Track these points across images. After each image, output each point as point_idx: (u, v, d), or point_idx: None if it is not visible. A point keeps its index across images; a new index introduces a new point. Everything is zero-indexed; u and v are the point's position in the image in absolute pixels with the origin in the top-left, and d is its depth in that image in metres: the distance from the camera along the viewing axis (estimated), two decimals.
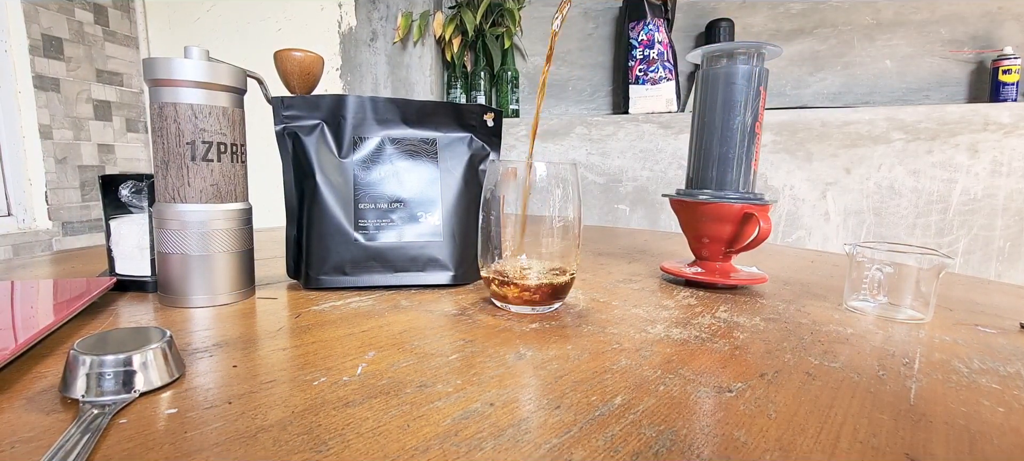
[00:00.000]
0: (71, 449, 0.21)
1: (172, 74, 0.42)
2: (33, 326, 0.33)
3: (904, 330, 0.41)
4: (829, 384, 0.30)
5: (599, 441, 0.23)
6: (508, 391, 0.28)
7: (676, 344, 0.37)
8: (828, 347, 0.37)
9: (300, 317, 0.42)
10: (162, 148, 0.43)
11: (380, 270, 0.52)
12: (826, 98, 1.60)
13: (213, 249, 0.44)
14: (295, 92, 0.53)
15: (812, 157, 1.40)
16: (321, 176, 0.51)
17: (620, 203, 1.59)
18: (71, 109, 1.74)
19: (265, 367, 0.31)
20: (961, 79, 1.50)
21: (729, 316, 0.44)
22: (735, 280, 0.54)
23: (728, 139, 0.54)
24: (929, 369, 0.33)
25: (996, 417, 0.26)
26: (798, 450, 0.23)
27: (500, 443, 0.23)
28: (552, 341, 0.37)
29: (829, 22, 1.57)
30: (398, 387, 0.28)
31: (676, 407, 0.27)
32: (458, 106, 0.56)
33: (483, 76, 1.70)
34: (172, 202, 0.43)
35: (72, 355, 0.26)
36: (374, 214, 0.52)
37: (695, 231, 0.57)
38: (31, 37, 1.62)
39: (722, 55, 0.54)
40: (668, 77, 1.56)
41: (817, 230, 1.41)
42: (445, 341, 0.36)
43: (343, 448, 0.22)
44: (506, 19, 1.65)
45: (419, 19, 1.67)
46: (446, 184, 0.54)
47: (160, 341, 0.29)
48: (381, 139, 0.54)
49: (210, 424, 0.24)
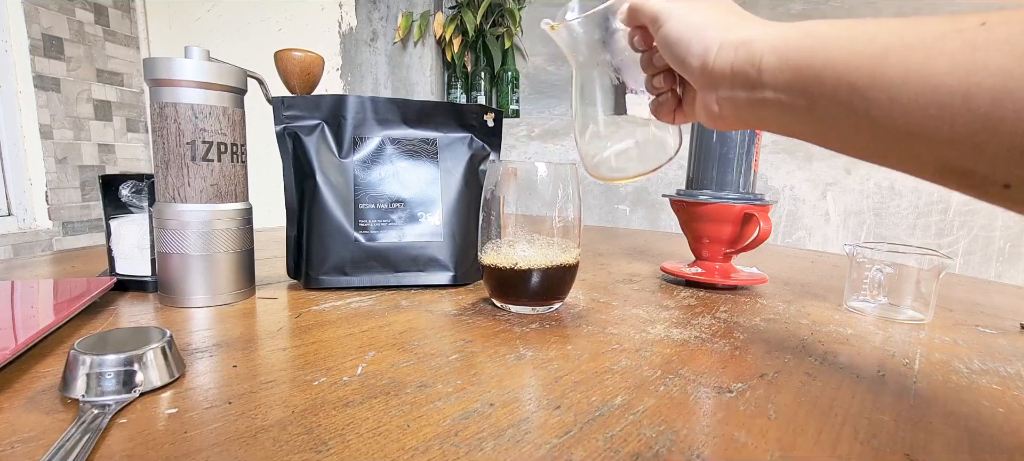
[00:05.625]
0: (71, 449, 0.21)
1: (172, 74, 0.42)
2: (33, 326, 0.33)
3: (904, 330, 0.41)
4: (829, 384, 0.30)
5: (599, 441, 0.23)
6: (508, 391, 0.28)
7: (676, 344, 0.37)
8: (828, 347, 0.37)
9: (300, 317, 0.42)
10: (162, 148, 0.43)
11: (380, 270, 0.52)
12: None
13: (213, 249, 0.44)
14: (295, 92, 0.53)
15: (812, 157, 1.40)
16: (321, 176, 0.51)
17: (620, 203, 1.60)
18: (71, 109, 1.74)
19: (265, 367, 0.31)
20: None
21: (729, 316, 0.44)
22: (735, 280, 0.54)
23: (728, 139, 0.54)
24: (929, 369, 0.33)
25: (996, 417, 0.26)
26: (798, 450, 0.23)
27: (500, 443, 0.23)
28: (552, 341, 0.37)
29: None
30: (398, 387, 0.28)
31: (676, 407, 0.27)
32: (458, 106, 0.56)
33: (483, 76, 1.70)
34: (172, 202, 0.43)
35: (72, 355, 0.26)
36: (374, 214, 0.52)
37: (695, 231, 0.57)
38: (32, 37, 1.62)
39: None
40: None
41: (817, 230, 1.41)
42: (445, 341, 0.36)
43: (343, 448, 0.22)
44: (506, 19, 1.65)
45: (419, 19, 1.67)
46: (446, 184, 0.54)
47: (160, 341, 0.29)
48: (381, 139, 0.54)
49: (210, 424, 0.24)
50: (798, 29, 0.26)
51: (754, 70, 0.27)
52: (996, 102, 0.18)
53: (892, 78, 0.21)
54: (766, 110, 0.27)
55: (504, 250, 0.43)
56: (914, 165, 0.22)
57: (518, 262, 0.42)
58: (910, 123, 0.21)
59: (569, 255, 0.43)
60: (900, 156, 0.23)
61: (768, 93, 0.26)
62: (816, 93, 0.24)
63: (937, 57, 0.20)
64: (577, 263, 0.44)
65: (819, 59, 0.24)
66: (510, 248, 0.43)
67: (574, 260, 0.44)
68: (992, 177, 0.20)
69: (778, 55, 0.26)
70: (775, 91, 0.26)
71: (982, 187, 0.21)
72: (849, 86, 0.23)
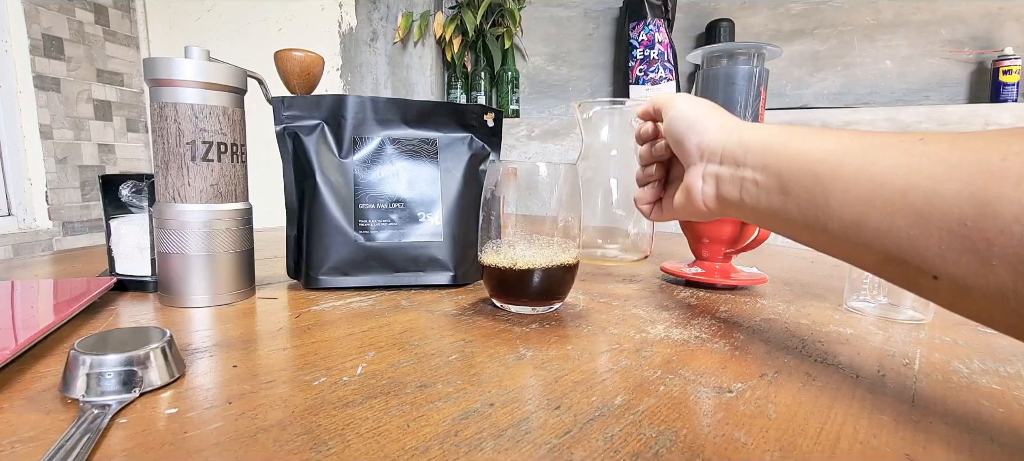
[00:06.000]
0: (71, 449, 0.21)
1: (172, 74, 0.42)
2: (33, 326, 0.33)
3: (904, 330, 0.41)
4: (829, 384, 0.30)
5: (599, 441, 0.23)
6: (508, 391, 0.28)
7: (676, 344, 0.37)
8: (828, 347, 0.37)
9: (300, 317, 0.42)
10: (162, 148, 0.43)
11: (380, 270, 0.52)
12: (826, 99, 1.60)
13: (213, 249, 0.44)
14: (295, 92, 0.53)
15: None
16: (321, 176, 0.51)
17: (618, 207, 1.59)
18: (71, 109, 1.74)
19: (265, 367, 0.31)
20: (961, 80, 1.50)
21: (729, 316, 0.44)
22: (735, 280, 0.54)
23: None
24: (929, 369, 0.33)
25: (996, 417, 0.26)
26: (798, 450, 0.23)
27: (500, 443, 0.23)
28: (552, 341, 0.37)
29: (829, 23, 1.57)
30: (398, 387, 0.28)
31: (676, 407, 0.27)
32: (458, 106, 0.56)
33: (483, 76, 1.70)
34: (172, 202, 0.43)
35: (72, 355, 0.26)
36: (374, 214, 0.52)
37: (695, 231, 0.57)
38: (32, 37, 1.62)
39: (722, 55, 0.54)
40: (668, 77, 1.56)
41: None
42: (445, 341, 0.36)
43: (343, 448, 0.22)
44: (506, 19, 1.65)
45: (419, 19, 1.67)
46: (446, 184, 0.54)
47: (160, 341, 0.29)
48: (381, 139, 0.54)
49: (210, 424, 0.24)
50: (779, 127, 0.32)
51: (740, 150, 0.33)
52: (927, 201, 0.22)
53: (848, 173, 0.26)
54: (744, 188, 0.33)
55: (504, 250, 0.43)
56: (862, 253, 0.26)
57: (518, 262, 0.42)
58: (859, 213, 0.25)
59: (569, 255, 0.43)
60: (850, 243, 0.27)
61: (748, 172, 0.32)
62: (787, 177, 0.29)
63: (883, 160, 0.25)
64: (577, 263, 0.44)
65: (793, 149, 0.29)
66: (510, 248, 0.43)
67: (574, 260, 0.44)
68: (923, 268, 0.23)
69: (761, 142, 0.32)
70: (754, 171, 0.32)
71: (914, 279, 0.24)
72: (813, 176, 0.28)
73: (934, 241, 0.22)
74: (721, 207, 0.35)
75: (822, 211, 0.27)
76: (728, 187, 0.34)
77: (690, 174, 0.37)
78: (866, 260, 0.26)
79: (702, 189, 0.36)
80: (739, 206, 0.33)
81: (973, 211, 0.21)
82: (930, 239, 0.22)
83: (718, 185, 0.35)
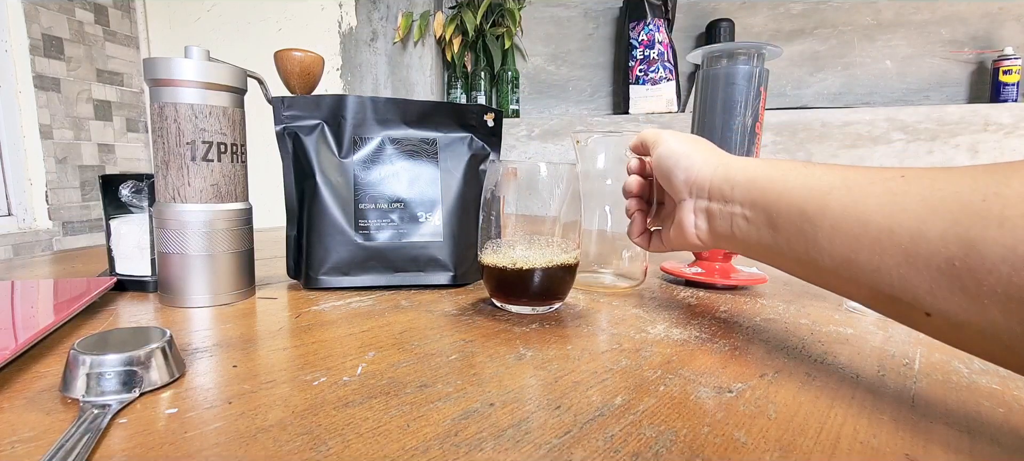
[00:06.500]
0: (71, 449, 0.21)
1: (172, 74, 0.42)
2: (33, 326, 0.33)
3: (904, 330, 0.41)
4: (829, 384, 0.30)
5: (599, 441, 0.23)
6: (508, 391, 0.28)
7: (676, 344, 0.37)
8: (828, 347, 0.37)
9: (300, 317, 0.42)
10: (162, 148, 0.43)
11: (380, 270, 0.52)
12: (826, 99, 1.60)
13: (213, 249, 0.44)
14: (295, 92, 0.53)
15: (812, 157, 1.40)
16: (321, 176, 0.51)
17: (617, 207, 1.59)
18: (71, 109, 1.74)
19: (265, 367, 0.31)
20: (961, 80, 1.50)
21: (729, 316, 0.44)
22: (735, 280, 0.54)
23: (728, 139, 0.54)
24: (929, 369, 0.33)
25: (996, 417, 0.26)
26: (798, 450, 0.23)
27: (500, 443, 0.23)
28: (552, 341, 0.37)
29: (829, 22, 1.57)
30: (398, 387, 0.28)
31: (676, 407, 0.27)
32: (458, 106, 0.56)
33: (483, 76, 1.70)
34: (172, 202, 0.43)
35: (72, 355, 0.26)
36: (374, 214, 0.52)
37: None
38: (31, 37, 1.62)
39: (722, 55, 0.54)
40: (668, 77, 1.56)
41: None
42: (445, 341, 0.36)
43: (343, 448, 0.22)
44: (506, 19, 1.65)
45: (419, 19, 1.67)
46: (446, 184, 0.54)
47: (160, 341, 0.29)
48: (381, 139, 0.54)
49: (210, 424, 0.24)
50: (765, 162, 0.32)
51: (728, 187, 0.33)
52: (914, 241, 0.22)
53: (835, 210, 0.26)
54: (735, 223, 0.33)
55: (504, 250, 0.43)
56: (853, 288, 0.26)
57: (517, 262, 0.42)
58: (848, 250, 0.25)
59: (569, 255, 0.43)
60: (841, 279, 0.27)
61: (737, 208, 0.32)
62: (774, 213, 0.29)
63: (868, 198, 0.24)
64: (577, 263, 0.44)
65: (779, 185, 0.29)
66: (510, 248, 0.43)
67: (574, 260, 0.44)
68: (915, 305, 0.23)
69: (748, 178, 0.32)
70: (742, 207, 0.32)
71: (907, 315, 0.24)
72: (800, 212, 0.28)
73: (924, 279, 0.22)
74: (715, 240, 0.36)
75: (813, 247, 0.27)
76: (720, 222, 0.34)
77: (681, 209, 0.37)
78: (861, 296, 0.26)
79: (695, 223, 0.36)
80: (732, 239, 0.34)
81: (960, 251, 0.21)
82: (920, 278, 0.22)
83: (710, 220, 0.35)
